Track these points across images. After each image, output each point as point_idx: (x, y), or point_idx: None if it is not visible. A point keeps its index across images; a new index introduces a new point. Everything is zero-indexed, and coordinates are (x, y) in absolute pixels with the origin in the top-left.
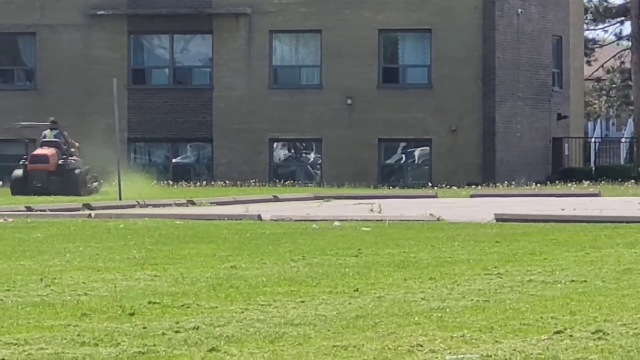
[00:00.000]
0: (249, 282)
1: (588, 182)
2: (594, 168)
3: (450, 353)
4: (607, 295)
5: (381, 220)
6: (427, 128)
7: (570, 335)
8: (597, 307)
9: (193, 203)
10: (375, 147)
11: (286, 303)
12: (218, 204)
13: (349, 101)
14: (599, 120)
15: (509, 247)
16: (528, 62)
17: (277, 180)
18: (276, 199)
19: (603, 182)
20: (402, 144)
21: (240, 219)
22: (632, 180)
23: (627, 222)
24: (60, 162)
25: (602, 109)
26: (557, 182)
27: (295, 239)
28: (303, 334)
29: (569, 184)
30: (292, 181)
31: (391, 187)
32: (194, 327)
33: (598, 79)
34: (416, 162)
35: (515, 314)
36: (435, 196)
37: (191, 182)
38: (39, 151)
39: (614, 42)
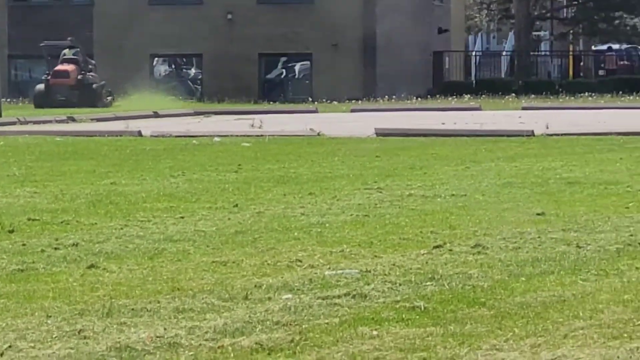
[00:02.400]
0: (128, 199)
1: (469, 95)
2: (474, 82)
3: (329, 268)
4: (486, 209)
5: (261, 135)
6: (307, 43)
7: (450, 250)
8: (476, 221)
9: (73, 120)
10: (255, 62)
11: (165, 219)
12: (98, 120)
13: (230, 16)
14: (479, 34)
15: (389, 162)
16: None
17: (158, 96)
18: (156, 115)
19: (484, 95)
20: (283, 59)
21: (120, 136)
22: (513, 94)
23: (508, 135)
24: (79, 77)
25: (483, 23)
26: (438, 96)
27: (175, 155)
28: (182, 250)
29: (450, 98)
30: (173, 97)
31: (272, 103)
32: (73, 244)
33: None
34: (297, 76)
35: (395, 229)
36: (315, 111)
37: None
38: (60, 67)
39: None
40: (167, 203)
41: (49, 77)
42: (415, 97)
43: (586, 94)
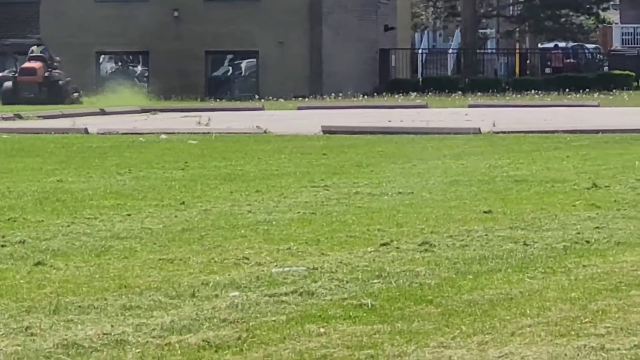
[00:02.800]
0: (75, 196)
1: (415, 93)
2: (421, 79)
3: (276, 266)
4: (433, 207)
5: (208, 133)
6: (254, 40)
7: (397, 247)
8: (423, 219)
9: (20, 117)
10: (202, 60)
11: (112, 216)
12: (45, 117)
13: (176, 13)
14: (426, 32)
15: (335, 160)
16: None
17: (104, 94)
18: (103, 112)
19: (430, 93)
20: (229, 56)
21: (66, 133)
22: (459, 92)
23: (454, 133)
24: (46, 74)
25: (430, 20)
26: (384, 93)
27: (122, 152)
28: (129, 248)
29: (396, 96)
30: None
31: (218, 100)
32: (20, 241)
33: None
34: (243, 74)
35: (342, 226)
36: (262, 108)
37: None
38: (27, 64)
39: None
40: (114, 200)
41: (16, 75)
42: (361, 95)
43: (532, 91)
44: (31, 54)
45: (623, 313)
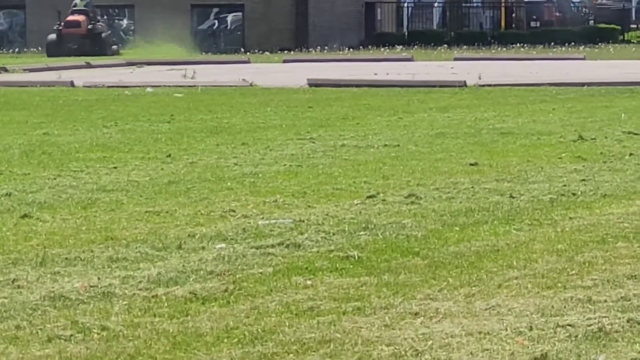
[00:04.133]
0: (61, 149)
1: (401, 47)
2: (406, 33)
3: (262, 218)
4: (420, 159)
5: (194, 86)
6: None
7: (383, 200)
8: (410, 172)
9: (5, 70)
10: (188, 13)
11: (99, 169)
12: (31, 71)
13: None
14: None
15: (321, 112)
16: None
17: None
18: (89, 66)
19: (416, 47)
20: (215, 10)
21: (52, 86)
22: (445, 45)
23: (440, 86)
24: (89, 26)
25: None
26: (370, 47)
27: (107, 105)
28: (115, 200)
29: (382, 49)
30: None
31: (204, 53)
32: (6, 194)
33: None
34: (229, 27)
35: (328, 179)
36: (248, 62)
37: (4, 50)
38: (71, 17)
39: None
40: (100, 153)
41: (61, 27)
42: (347, 48)
43: (518, 45)
44: (74, 7)
45: (609, 265)
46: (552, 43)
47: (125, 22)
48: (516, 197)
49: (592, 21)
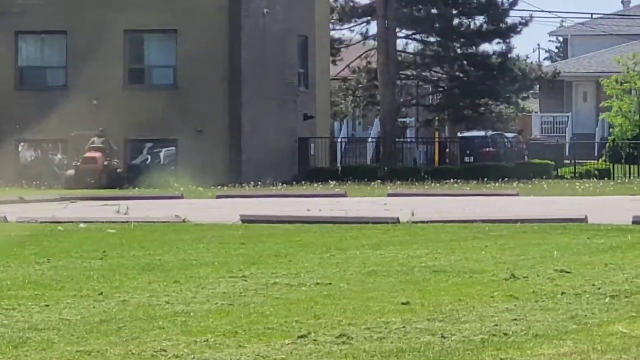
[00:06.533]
0: None
1: (334, 182)
2: (340, 168)
3: (194, 358)
4: (351, 298)
5: (127, 221)
6: (173, 128)
7: (315, 340)
8: (341, 311)
9: None
10: (121, 148)
11: (30, 307)
12: None
13: (95, 102)
14: (345, 120)
15: (254, 249)
16: (274, 62)
17: (24, 182)
18: (22, 200)
19: (349, 182)
20: (148, 145)
21: None
22: (379, 180)
23: (373, 222)
24: (105, 163)
25: (349, 109)
26: (303, 182)
27: (40, 241)
28: (47, 339)
29: (316, 185)
30: (38, 182)
31: (137, 188)
32: None
33: (344, 79)
34: (162, 162)
35: (260, 318)
36: (181, 197)
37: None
38: (88, 154)
39: (360, 41)
40: (32, 291)
41: (79, 163)
42: (281, 183)
43: (452, 180)
44: (92, 145)
45: None
46: (486, 178)
47: (59, 156)
48: (447, 337)
49: (526, 156)
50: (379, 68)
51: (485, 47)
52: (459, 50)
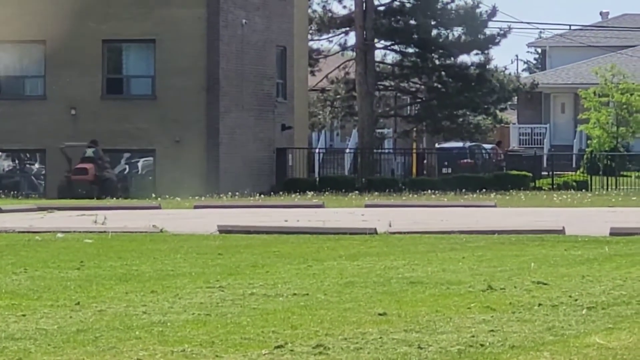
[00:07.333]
0: None
1: (312, 192)
2: (318, 179)
3: None
4: (328, 308)
5: (104, 232)
6: (151, 138)
7: (291, 350)
8: (318, 321)
9: None
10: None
11: (7, 317)
12: None
13: (73, 112)
14: (323, 131)
15: (231, 260)
16: (252, 73)
17: (1, 191)
18: (0, 210)
19: (327, 192)
20: (126, 155)
21: None
22: (356, 191)
23: (350, 233)
24: (96, 173)
25: (327, 120)
26: (281, 193)
27: (17, 251)
28: (23, 349)
29: (293, 195)
30: (15, 192)
31: (115, 198)
32: None
33: (323, 90)
34: (140, 172)
35: (237, 328)
36: (159, 207)
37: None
38: (80, 165)
39: (338, 52)
40: (9, 300)
41: (70, 175)
42: (258, 194)
43: (429, 191)
44: (84, 155)
45: None
46: (464, 189)
47: (36, 166)
48: (424, 347)
49: (504, 168)
50: (357, 79)
51: (464, 58)
52: (437, 62)
